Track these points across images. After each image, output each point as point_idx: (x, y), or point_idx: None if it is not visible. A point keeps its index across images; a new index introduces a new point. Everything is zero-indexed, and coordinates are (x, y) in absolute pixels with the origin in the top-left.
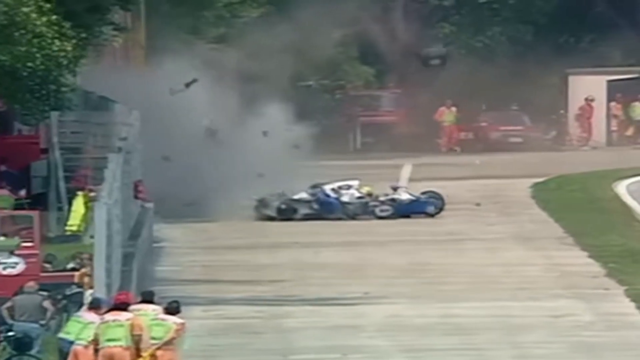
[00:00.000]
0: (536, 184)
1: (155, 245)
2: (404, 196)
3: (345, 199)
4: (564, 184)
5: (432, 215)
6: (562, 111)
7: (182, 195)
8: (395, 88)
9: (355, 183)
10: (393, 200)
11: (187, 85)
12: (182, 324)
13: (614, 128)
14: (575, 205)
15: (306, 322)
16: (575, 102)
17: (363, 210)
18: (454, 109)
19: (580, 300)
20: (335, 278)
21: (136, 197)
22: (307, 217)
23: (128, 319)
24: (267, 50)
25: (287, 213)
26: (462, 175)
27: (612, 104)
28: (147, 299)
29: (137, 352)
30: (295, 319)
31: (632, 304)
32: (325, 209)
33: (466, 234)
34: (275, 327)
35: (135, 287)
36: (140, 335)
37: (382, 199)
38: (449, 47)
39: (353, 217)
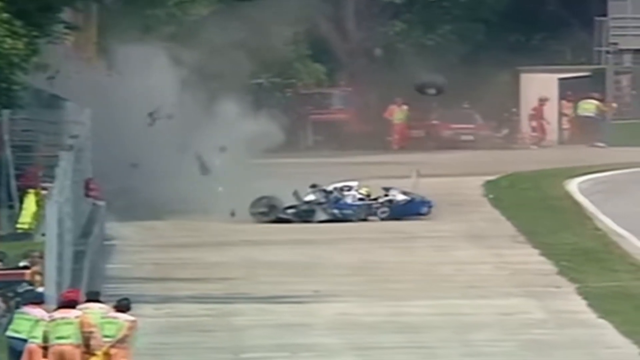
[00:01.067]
0: (488, 182)
1: (106, 243)
2: (399, 197)
3: (348, 200)
4: (516, 182)
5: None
6: (513, 109)
7: (139, 192)
8: (346, 86)
9: (354, 184)
10: (390, 201)
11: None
12: (134, 321)
13: (565, 126)
14: (527, 204)
15: (256, 320)
16: (527, 100)
17: (367, 212)
18: (404, 107)
19: (531, 298)
20: (285, 276)
21: (87, 195)
22: (324, 221)
23: (77, 317)
24: (218, 48)
25: (306, 215)
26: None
27: (563, 102)
28: (93, 298)
29: (87, 349)
30: (246, 317)
31: (583, 302)
32: (344, 212)
33: (417, 233)
34: (226, 325)
35: (86, 285)
36: (90, 333)
37: (381, 200)
38: (400, 45)
39: (358, 219)
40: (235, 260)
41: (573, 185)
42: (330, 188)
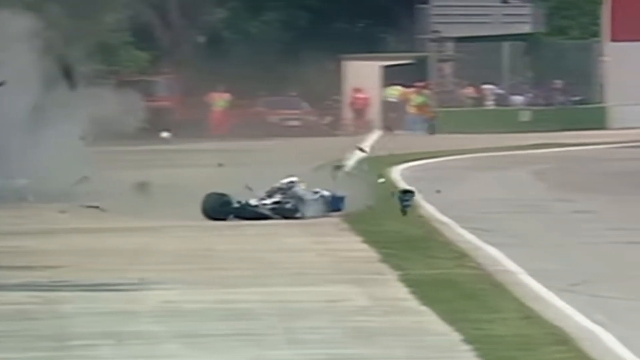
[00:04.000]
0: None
1: None
2: (325, 193)
3: (309, 197)
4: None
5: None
6: (336, 97)
7: None
8: (170, 73)
9: (295, 179)
10: (322, 196)
11: None
12: None
13: (410, 112)
14: None
15: (82, 307)
16: (350, 87)
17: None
18: (225, 94)
19: (355, 285)
20: (112, 264)
21: None
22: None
23: None
24: (39, 34)
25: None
26: (240, 161)
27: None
28: None
29: None
30: (71, 304)
31: (406, 289)
32: (309, 208)
33: (245, 220)
34: (51, 312)
35: None
36: None
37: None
38: (225, 32)
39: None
40: (63, 248)
41: (396, 173)
42: (283, 184)
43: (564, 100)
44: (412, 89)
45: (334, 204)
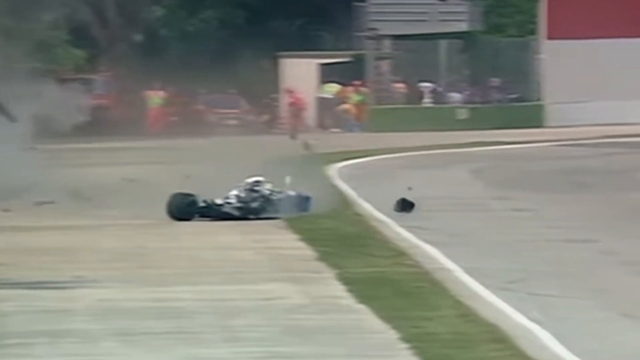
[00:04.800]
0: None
1: None
2: (290, 192)
3: (279, 196)
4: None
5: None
6: (274, 95)
7: None
8: (107, 71)
9: (262, 179)
10: (288, 196)
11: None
12: None
13: (344, 112)
14: None
15: (18, 306)
16: (285, 86)
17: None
18: (161, 92)
19: (292, 283)
20: (51, 262)
21: None
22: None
23: None
24: None
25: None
26: (174, 160)
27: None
28: None
29: None
30: (8, 302)
31: (343, 287)
32: (276, 207)
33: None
34: None
35: None
36: None
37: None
38: (162, 30)
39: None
40: (2, 245)
41: (334, 170)
42: (248, 184)
43: (501, 98)
44: (349, 87)
45: (300, 205)
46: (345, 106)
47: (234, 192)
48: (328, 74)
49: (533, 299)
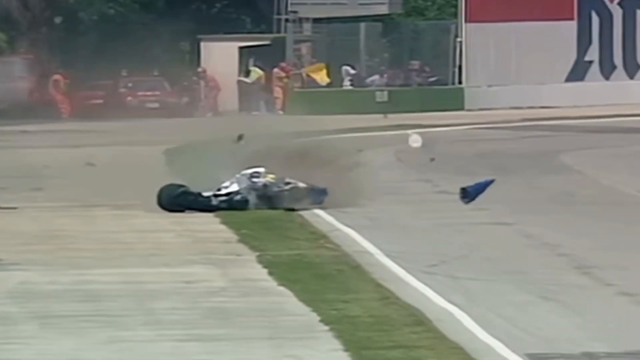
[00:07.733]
0: (168, 150)
1: None
2: (300, 185)
3: (275, 188)
4: (195, 151)
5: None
6: (194, 77)
7: None
8: (27, 54)
9: (262, 170)
10: (295, 188)
11: None
12: None
13: (277, 95)
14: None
15: None
16: (207, 68)
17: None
18: (59, 76)
19: (212, 266)
20: None
21: None
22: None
23: None
24: None
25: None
26: (94, 142)
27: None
28: None
29: None
30: None
31: (264, 270)
32: (280, 200)
33: (96, 201)
34: None
35: None
36: None
37: (286, 188)
38: (82, 14)
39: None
40: None
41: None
42: (246, 174)
43: (421, 81)
44: (272, 71)
45: (313, 198)
46: (279, 90)
47: (226, 184)
48: (248, 56)
49: (453, 283)
